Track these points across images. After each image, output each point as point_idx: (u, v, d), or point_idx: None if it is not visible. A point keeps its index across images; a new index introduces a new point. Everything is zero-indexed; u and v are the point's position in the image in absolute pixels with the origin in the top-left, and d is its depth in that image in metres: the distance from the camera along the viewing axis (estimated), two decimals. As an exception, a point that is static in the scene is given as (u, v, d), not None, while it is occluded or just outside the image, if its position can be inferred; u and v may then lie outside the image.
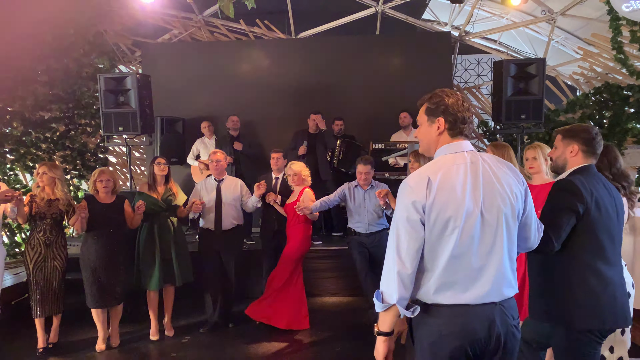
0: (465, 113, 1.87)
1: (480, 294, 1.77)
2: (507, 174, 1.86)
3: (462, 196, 1.76)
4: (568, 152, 2.38)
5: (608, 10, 6.77)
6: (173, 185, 4.58)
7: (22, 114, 6.76)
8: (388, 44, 8.04)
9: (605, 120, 7.09)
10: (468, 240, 1.76)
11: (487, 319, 1.77)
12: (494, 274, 1.78)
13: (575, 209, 2.19)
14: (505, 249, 1.81)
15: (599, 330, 2.24)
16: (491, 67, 11.16)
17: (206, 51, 8.07)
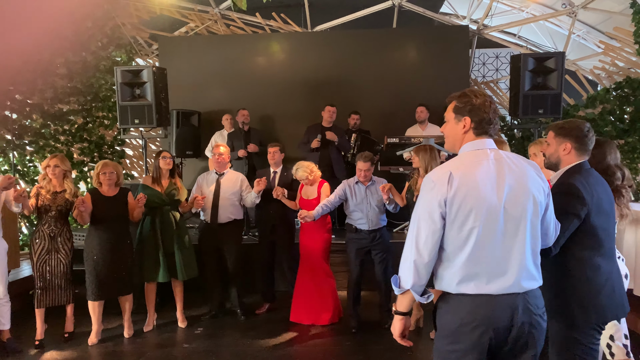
0: (491, 114, 1.93)
1: (503, 286, 1.83)
2: (530, 170, 1.92)
3: (484, 190, 1.83)
4: (561, 150, 2.38)
5: (631, 4, 6.61)
6: (177, 180, 4.58)
7: (42, 106, 6.87)
8: (405, 37, 7.96)
9: (627, 115, 6.94)
10: (491, 233, 1.83)
11: (510, 308, 1.83)
12: (517, 267, 1.84)
13: (579, 214, 2.21)
14: (528, 242, 1.86)
15: (599, 324, 2.28)
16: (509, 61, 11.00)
17: (222, 44, 8.09)
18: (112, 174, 4.20)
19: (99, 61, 7.46)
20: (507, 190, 1.85)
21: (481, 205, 1.82)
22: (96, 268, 4.11)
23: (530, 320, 1.85)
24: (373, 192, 4.38)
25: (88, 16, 7.01)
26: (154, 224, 4.41)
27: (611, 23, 8.37)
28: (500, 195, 1.84)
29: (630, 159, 6.85)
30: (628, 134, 6.85)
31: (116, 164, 4.33)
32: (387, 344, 4.10)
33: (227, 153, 4.75)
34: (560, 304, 2.27)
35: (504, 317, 1.82)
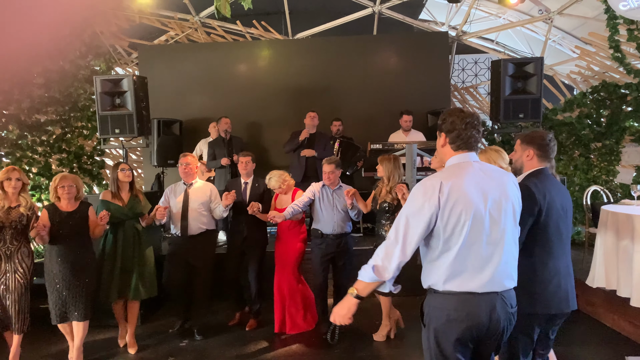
0: (467, 131, 2.11)
1: (484, 283, 2.03)
2: (509, 180, 2.17)
3: (471, 198, 2.02)
4: (524, 156, 2.63)
5: (605, 9, 6.77)
6: (138, 192, 4.35)
7: (18, 117, 6.72)
8: (385, 44, 8.02)
9: (603, 118, 7.09)
10: (477, 236, 2.03)
11: (489, 306, 2.04)
12: (497, 266, 2.05)
13: (533, 213, 2.44)
14: (508, 245, 2.08)
15: (542, 314, 2.49)
16: (488, 67, 11.18)
17: (203, 52, 8.04)
18: (71, 187, 3.87)
19: (77, 70, 7.34)
20: (491, 197, 2.05)
21: (469, 211, 2.01)
22: (57, 288, 3.81)
23: (506, 317, 2.07)
24: (339, 197, 4.38)
25: (66, 24, 6.90)
26: (116, 240, 4.17)
27: (585, 28, 8.58)
28: (485, 201, 2.04)
29: (607, 161, 6.99)
30: (605, 137, 7.00)
31: (75, 177, 4.02)
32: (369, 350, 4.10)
33: (194, 163, 4.58)
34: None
35: (484, 314, 2.03)
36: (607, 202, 5.89)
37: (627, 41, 6.80)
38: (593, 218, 5.75)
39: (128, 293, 4.18)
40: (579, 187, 6.99)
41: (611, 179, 7.01)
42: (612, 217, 4.26)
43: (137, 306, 4.34)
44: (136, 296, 4.20)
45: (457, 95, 9.32)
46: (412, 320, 4.43)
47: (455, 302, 2.05)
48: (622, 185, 6.91)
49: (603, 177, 6.97)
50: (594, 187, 6.03)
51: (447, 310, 2.05)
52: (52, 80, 6.93)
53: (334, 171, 4.34)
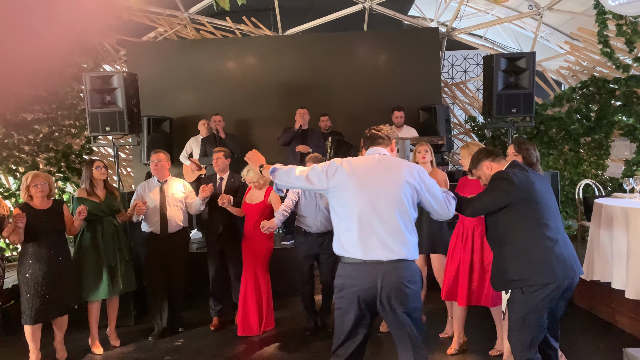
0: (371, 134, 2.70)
1: (372, 255, 2.43)
2: (403, 168, 2.55)
3: (363, 181, 2.50)
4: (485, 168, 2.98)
5: (594, 5, 6.83)
6: (113, 189, 4.35)
7: (4, 116, 6.58)
8: (376, 40, 8.01)
9: (592, 113, 7.16)
10: (368, 210, 2.46)
11: (374, 273, 2.42)
12: (385, 241, 2.43)
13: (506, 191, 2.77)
14: (395, 222, 2.46)
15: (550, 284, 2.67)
16: (477, 63, 11.24)
17: (192, 49, 7.95)
18: (44, 185, 3.85)
19: (64, 68, 7.22)
20: (383, 180, 2.50)
21: (357, 190, 2.49)
22: (34, 287, 3.75)
23: (393, 284, 2.40)
24: (323, 195, 4.31)
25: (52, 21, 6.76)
26: (95, 237, 4.13)
27: (573, 24, 8.65)
28: (376, 183, 2.49)
29: (597, 156, 7.06)
30: (594, 132, 7.07)
31: (47, 175, 4.00)
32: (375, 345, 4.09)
33: (166, 159, 4.53)
34: (519, 272, 2.71)
35: (369, 280, 2.42)
36: (598, 195, 5.95)
37: (616, 36, 6.87)
38: (585, 211, 5.81)
39: (116, 289, 4.19)
40: (569, 181, 7.06)
41: (601, 173, 7.09)
42: (605, 210, 4.28)
43: (118, 301, 4.35)
44: (119, 291, 4.23)
45: (447, 91, 9.35)
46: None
47: (349, 270, 2.50)
48: (612, 178, 6.99)
49: (593, 171, 7.04)
50: (585, 181, 6.09)
51: (343, 276, 2.52)
52: (38, 78, 6.79)
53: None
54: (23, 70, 6.57)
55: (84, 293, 4.10)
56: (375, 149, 2.66)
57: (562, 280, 2.69)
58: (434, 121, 7.09)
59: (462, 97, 9.50)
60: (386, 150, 2.68)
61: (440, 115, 7.04)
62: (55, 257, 3.85)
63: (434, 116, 7.10)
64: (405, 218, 2.49)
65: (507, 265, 2.76)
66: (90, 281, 4.09)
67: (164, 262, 4.46)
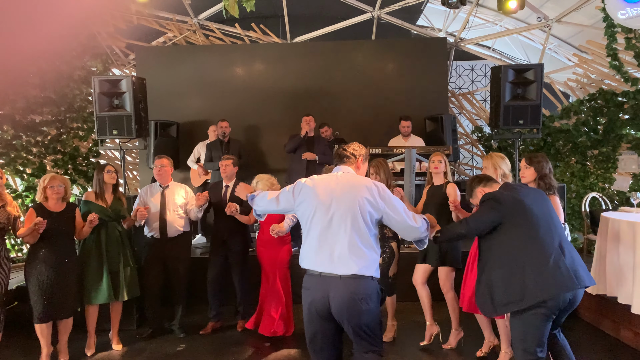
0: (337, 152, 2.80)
1: (325, 265, 2.51)
2: (363, 186, 2.60)
3: (322, 197, 2.58)
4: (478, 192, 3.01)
5: (604, 18, 6.82)
6: (120, 194, 4.35)
7: (13, 117, 6.63)
8: (384, 49, 8.02)
9: (600, 126, 7.13)
10: (323, 225, 2.55)
11: (326, 285, 2.50)
12: (338, 255, 2.49)
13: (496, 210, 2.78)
14: (350, 237, 2.50)
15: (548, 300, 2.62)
16: (485, 73, 11.24)
17: (201, 55, 7.99)
18: (60, 188, 3.88)
19: (73, 71, 7.27)
20: (338, 196, 2.56)
21: (318, 206, 2.57)
22: (42, 288, 3.78)
23: (345, 299, 2.44)
24: None
25: (63, 24, 6.83)
26: (99, 241, 4.14)
27: (582, 36, 8.64)
28: (332, 201, 2.56)
29: (604, 169, 7.02)
30: (602, 144, 7.04)
31: (64, 178, 4.05)
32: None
33: (169, 165, 4.55)
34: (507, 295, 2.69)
35: (322, 293, 2.50)
36: (605, 209, 5.91)
37: (625, 49, 6.85)
38: (592, 225, 5.77)
39: (118, 294, 4.18)
40: (575, 194, 7.02)
41: (608, 187, 7.05)
42: (612, 224, 4.25)
43: (121, 306, 4.34)
44: (123, 297, 4.21)
45: (455, 101, 9.35)
46: (411, 325, 4.39)
47: (306, 280, 2.59)
48: (619, 192, 6.95)
49: (600, 184, 7.00)
50: (592, 194, 6.05)
51: (304, 284, 2.60)
52: (48, 80, 6.85)
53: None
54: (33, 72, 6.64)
55: (85, 296, 4.12)
56: (339, 167, 2.76)
57: (558, 294, 2.63)
58: (440, 131, 7.08)
59: (469, 108, 9.49)
60: (350, 168, 2.75)
61: (447, 125, 7.04)
62: (62, 260, 3.87)
63: (441, 126, 7.10)
64: (361, 234, 2.53)
65: (498, 289, 2.73)
66: (92, 285, 4.10)
67: (164, 266, 4.46)
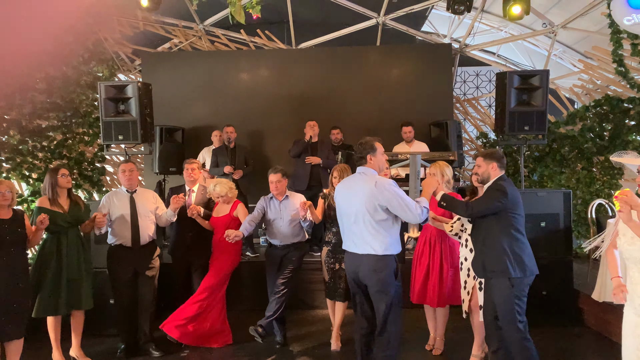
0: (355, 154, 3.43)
1: (352, 247, 3.32)
2: (370, 185, 3.21)
3: (346, 194, 3.36)
4: (490, 168, 3.44)
5: (609, 24, 6.80)
6: (78, 198, 4.12)
7: (19, 122, 6.68)
8: (388, 55, 8.04)
9: (606, 132, 7.10)
10: (345, 218, 3.37)
11: (355, 261, 3.30)
12: (359, 238, 3.27)
13: (502, 201, 3.28)
14: (365, 225, 3.22)
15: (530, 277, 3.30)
16: (490, 79, 11.23)
17: (206, 61, 8.03)
18: (8, 194, 3.57)
19: (80, 76, 7.32)
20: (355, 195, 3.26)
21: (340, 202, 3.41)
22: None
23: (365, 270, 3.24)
24: (286, 207, 4.35)
25: (70, 30, 6.88)
26: (59, 249, 3.88)
27: (587, 42, 8.62)
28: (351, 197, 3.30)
29: (610, 175, 6.99)
30: (608, 151, 7.00)
31: (11, 183, 3.73)
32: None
33: (136, 169, 4.34)
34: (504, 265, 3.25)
35: (354, 265, 3.31)
36: (611, 215, 5.87)
37: (631, 55, 6.82)
38: (598, 231, 5.73)
39: (79, 303, 3.96)
40: (581, 200, 6.98)
41: (614, 193, 7.00)
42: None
43: (83, 316, 4.09)
44: (86, 305, 4.01)
45: (459, 106, 9.34)
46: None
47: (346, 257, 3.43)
48: (625, 199, 6.89)
49: (606, 190, 6.96)
50: (598, 201, 6.02)
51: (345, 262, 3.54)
52: (55, 85, 6.89)
53: (280, 180, 4.33)
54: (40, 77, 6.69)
55: (42, 308, 3.85)
56: (358, 169, 3.37)
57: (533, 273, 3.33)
58: (445, 137, 7.07)
59: (474, 113, 9.48)
60: (364, 168, 3.32)
61: (451, 131, 7.03)
62: (16, 270, 3.56)
63: (446, 132, 7.09)
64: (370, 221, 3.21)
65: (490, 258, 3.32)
66: (50, 296, 3.84)
67: (134, 276, 4.24)
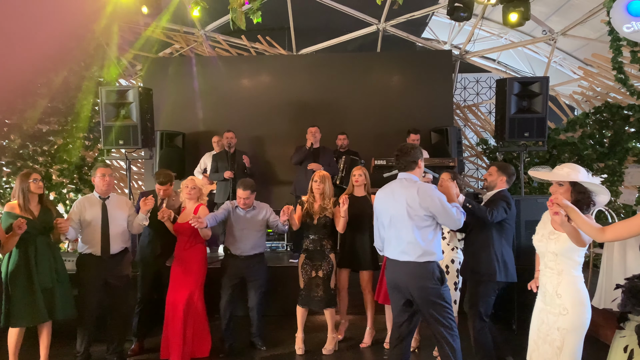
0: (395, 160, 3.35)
1: (397, 254, 3.23)
2: (412, 191, 3.17)
3: (384, 200, 3.33)
4: (499, 179, 3.77)
5: (609, 31, 6.82)
6: (49, 204, 3.94)
7: (20, 127, 6.68)
8: (389, 61, 8.06)
9: (606, 139, 7.11)
10: (387, 224, 3.29)
11: (399, 268, 3.22)
12: (399, 246, 3.21)
13: (506, 209, 3.63)
14: (410, 232, 3.15)
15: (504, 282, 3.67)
16: (490, 86, 11.26)
17: (207, 66, 8.05)
18: None
19: (80, 81, 7.33)
20: (399, 202, 3.19)
21: (380, 208, 3.36)
22: None
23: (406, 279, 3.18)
24: (252, 218, 4.31)
25: (72, 35, 6.90)
26: (28, 257, 3.70)
27: (587, 49, 8.66)
28: (395, 204, 3.22)
29: (610, 182, 6.98)
30: (607, 158, 7.01)
31: None
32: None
33: (112, 175, 4.17)
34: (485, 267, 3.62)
35: (395, 273, 3.25)
36: (611, 222, 5.87)
37: (631, 63, 6.84)
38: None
39: (53, 313, 3.79)
40: (581, 207, 6.97)
41: (614, 200, 7.00)
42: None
43: (50, 327, 3.89)
44: (59, 316, 3.83)
45: (459, 113, 9.35)
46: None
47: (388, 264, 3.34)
48: (626, 205, 6.90)
49: (606, 197, 6.95)
50: (598, 208, 6.01)
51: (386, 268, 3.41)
52: (56, 90, 6.90)
53: (249, 197, 4.25)
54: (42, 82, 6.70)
55: (12, 319, 3.68)
56: (401, 174, 3.33)
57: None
58: (445, 143, 7.08)
59: (474, 120, 9.49)
60: (408, 174, 3.28)
61: (452, 137, 7.04)
62: None
63: (446, 138, 7.10)
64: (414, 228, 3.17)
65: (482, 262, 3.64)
66: (20, 306, 3.67)
67: (104, 287, 4.07)
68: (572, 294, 2.80)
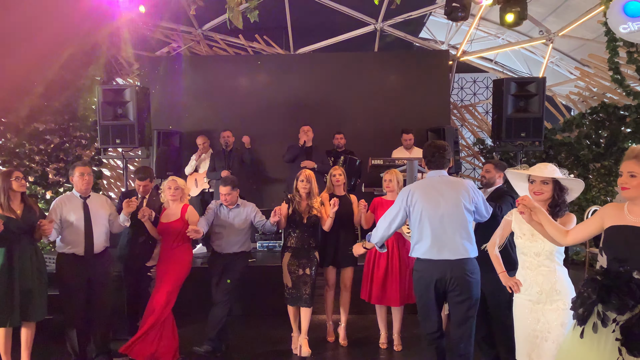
0: (429, 157, 3.31)
1: (440, 254, 3.15)
2: (459, 188, 3.22)
3: (428, 198, 3.21)
4: (497, 176, 3.89)
5: (605, 32, 6.85)
6: (32, 203, 3.85)
7: (16, 126, 6.66)
8: (386, 61, 8.08)
9: (602, 139, 7.13)
10: (435, 223, 3.16)
11: (444, 268, 3.13)
12: (450, 244, 3.14)
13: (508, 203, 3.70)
14: (458, 230, 3.14)
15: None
16: (487, 86, 11.27)
17: (205, 65, 8.04)
18: None
19: (77, 80, 7.31)
20: (443, 198, 3.17)
21: (427, 207, 3.18)
22: None
23: (458, 276, 3.10)
24: (236, 216, 4.30)
25: (68, 34, 6.88)
26: (11, 257, 3.61)
27: (584, 50, 8.68)
28: (439, 201, 3.17)
29: (606, 182, 7.02)
30: (604, 158, 7.03)
31: None
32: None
33: (90, 174, 4.05)
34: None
35: (440, 273, 3.13)
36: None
37: (627, 63, 6.87)
38: (594, 238, 5.74)
39: (32, 314, 3.70)
40: (577, 207, 7.00)
41: (610, 200, 7.03)
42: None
43: (34, 329, 3.81)
44: (38, 317, 3.75)
45: (456, 113, 9.37)
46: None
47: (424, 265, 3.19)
48: (621, 206, 6.92)
49: (602, 197, 6.99)
50: (594, 207, 6.04)
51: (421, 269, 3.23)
52: (52, 89, 6.88)
53: (230, 193, 4.23)
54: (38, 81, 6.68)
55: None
56: (437, 172, 3.31)
57: None
58: (442, 143, 7.09)
59: (471, 120, 9.50)
60: (441, 171, 3.30)
61: (449, 137, 7.04)
62: None
63: (443, 138, 7.09)
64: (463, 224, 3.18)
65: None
66: (6, 306, 3.59)
67: (88, 288, 3.97)
68: (569, 289, 2.85)
